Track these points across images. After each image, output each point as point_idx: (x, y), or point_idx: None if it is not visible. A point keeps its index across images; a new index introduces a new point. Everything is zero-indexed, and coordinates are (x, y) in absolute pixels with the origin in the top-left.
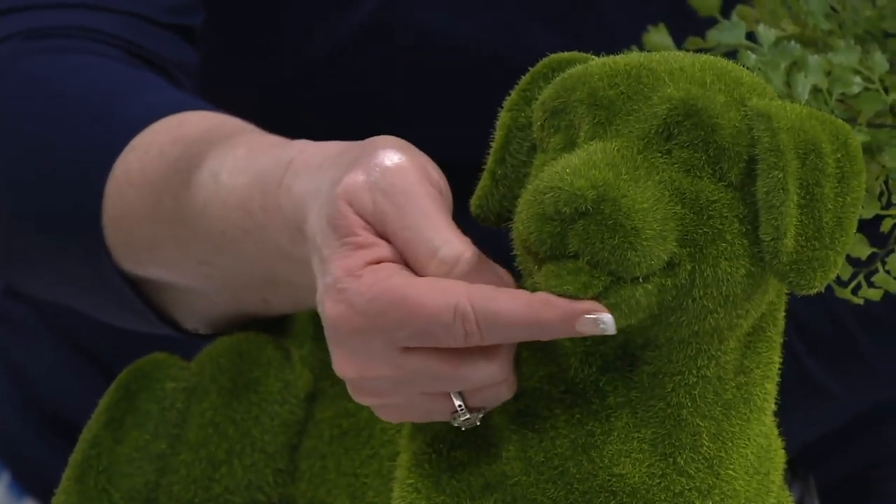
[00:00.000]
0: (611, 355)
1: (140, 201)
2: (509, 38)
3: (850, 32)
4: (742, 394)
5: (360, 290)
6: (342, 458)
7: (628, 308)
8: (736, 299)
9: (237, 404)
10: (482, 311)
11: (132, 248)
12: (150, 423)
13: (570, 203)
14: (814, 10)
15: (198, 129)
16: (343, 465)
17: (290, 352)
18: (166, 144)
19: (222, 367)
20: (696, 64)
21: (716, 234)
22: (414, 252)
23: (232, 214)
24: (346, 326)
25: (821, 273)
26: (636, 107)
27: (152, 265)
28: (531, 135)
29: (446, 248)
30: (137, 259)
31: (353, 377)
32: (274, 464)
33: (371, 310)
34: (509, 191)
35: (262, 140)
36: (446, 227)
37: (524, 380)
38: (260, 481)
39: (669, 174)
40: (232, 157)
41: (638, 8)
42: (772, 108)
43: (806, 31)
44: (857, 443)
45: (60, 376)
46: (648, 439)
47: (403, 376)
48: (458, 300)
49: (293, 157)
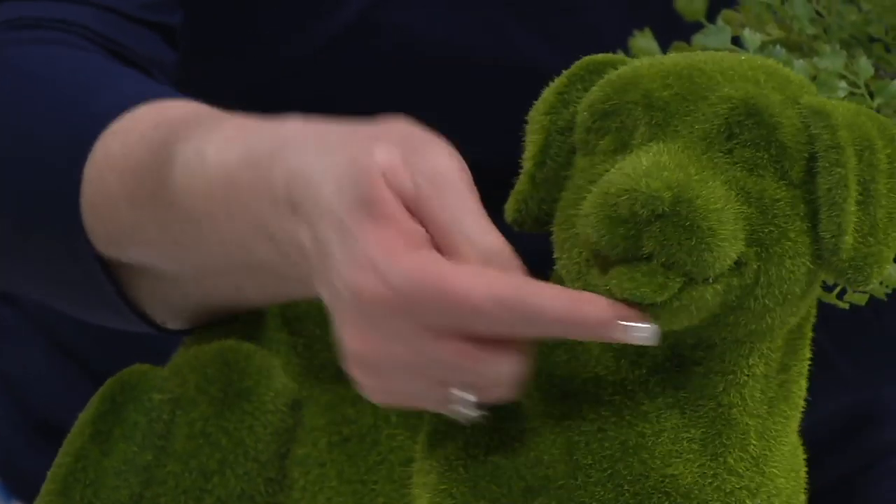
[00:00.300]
0: (660, 356)
1: (120, 185)
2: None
3: (835, 37)
4: (783, 391)
5: (401, 270)
6: (345, 466)
7: (697, 309)
8: (794, 297)
9: (230, 414)
10: (525, 302)
11: (111, 232)
12: (138, 434)
13: (647, 205)
14: (799, 15)
15: (181, 112)
16: (346, 472)
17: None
18: (148, 129)
19: (210, 377)
20: (744, 63)
21: (780, 232)
22: (452, 240)
23: (217, 192)
24: (374, 301)
25: (876, 269)
26: (693, 107)
27: (131, 247)
28: (570, 137)
29: (486, 239)
30: (117, 242)
31: (362, 352)
32: (266, 473)
33: (410, 291)
34: (548, 194)
35: (251, 121)
36: (485, 219)
37: (567, 383)
38: (252, 490)
39: (733, 174)
40: (220, 134)
41: (622, 11)
42: (827, 105)
43: (791, 36)
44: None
45: (49, 381)
46: (699, 439)
47: (419, 362)
48: (502, 290)
49: (288, 134)
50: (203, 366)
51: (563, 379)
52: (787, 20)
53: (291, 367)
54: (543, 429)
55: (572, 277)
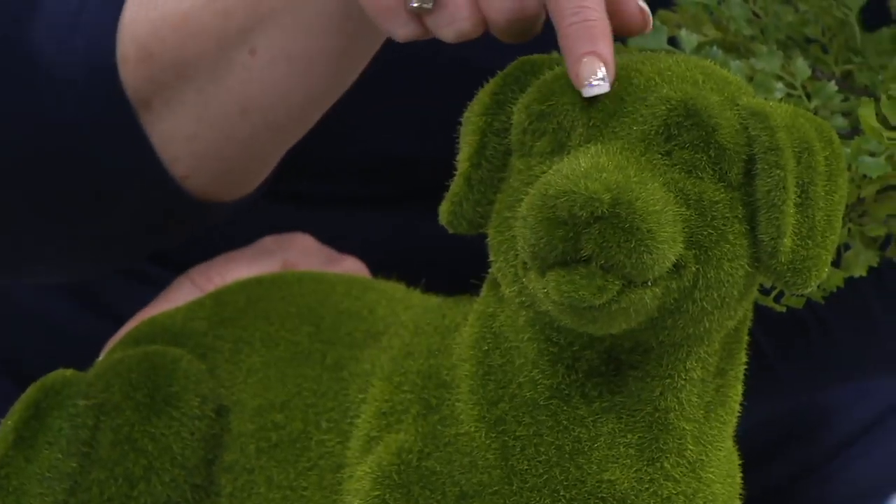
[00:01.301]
0: (597, 360)
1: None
2: None
3: (772, 38)
4: (720, 396)
5: None
6: (274, 471)
7: (635, 312)
8: (732, 300)
9: (156, 419)
10: None
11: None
12: (62, 441)
13: (586, 207)
14: (736, 16)
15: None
16: (276, 478)
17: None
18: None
19: (135, 383)
20: (682, 64)
21: (719, 235)
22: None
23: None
24: None
25: (815, 272)
26: (631, 108)
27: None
28: (506, 139)
29: None
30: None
31: None
32: (192, 479)
33: None
34: (483, 196)
35: None
36: None
37: (503, 387)
38: (179, 498)
39: (672, 175)
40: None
41: None
42: (765, 106)
43: (728, 37)
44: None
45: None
46: (635, 444)
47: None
48: None
49: None
50: (128, 371)
51: (498, 383)
52: (723, 21)
53: (218, 372)
54: (478, 433)
55: (508, 281)
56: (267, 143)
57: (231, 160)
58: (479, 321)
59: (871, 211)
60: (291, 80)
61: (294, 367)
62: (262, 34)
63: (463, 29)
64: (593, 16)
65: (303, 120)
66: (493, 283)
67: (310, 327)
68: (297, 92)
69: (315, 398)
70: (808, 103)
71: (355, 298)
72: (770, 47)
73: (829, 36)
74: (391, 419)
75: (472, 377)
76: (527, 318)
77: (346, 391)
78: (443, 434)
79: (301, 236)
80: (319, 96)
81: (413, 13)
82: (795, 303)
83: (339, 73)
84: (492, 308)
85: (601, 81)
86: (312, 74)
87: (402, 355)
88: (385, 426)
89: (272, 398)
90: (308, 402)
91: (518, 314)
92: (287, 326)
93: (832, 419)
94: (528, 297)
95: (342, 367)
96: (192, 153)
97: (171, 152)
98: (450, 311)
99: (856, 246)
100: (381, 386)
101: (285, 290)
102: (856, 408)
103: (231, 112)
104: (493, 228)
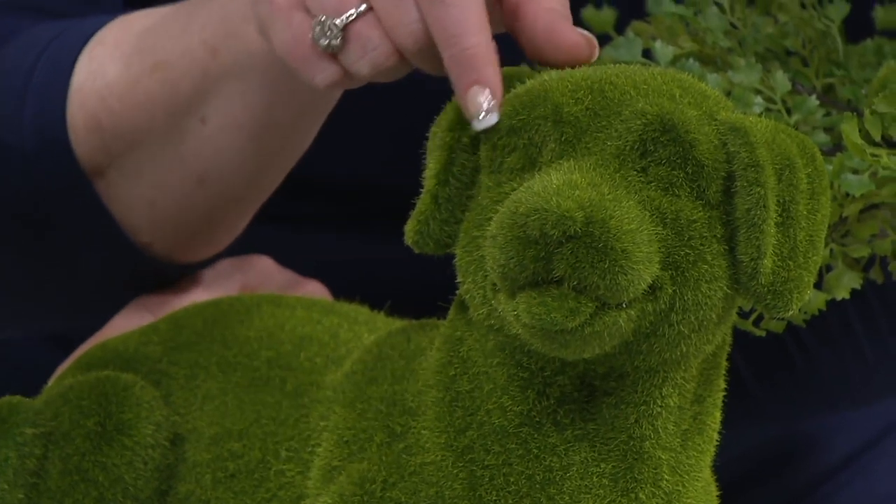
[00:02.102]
0: (569, 386)
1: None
2: None
3: (750, 50)
4: (697, 424)
5: None
6: (231, 503)
7: (609, 336)
8: (710, 324)
9: (107, 449)
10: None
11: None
12: (9, 471)
13: (558, 226)
14: (712, 27)
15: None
16: None
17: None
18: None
19: (86, 410)
20: (658, 77)
21: (697, 255)
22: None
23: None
24: None
25: (796, 294)
26: (605, 123)
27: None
28: (474, 155)
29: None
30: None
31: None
32: None
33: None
34: (451, 215)
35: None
36: None
37: (470, 414)
38: None
39: (648, 193)
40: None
41: None
42: (745, 121)
43: (705, 49)
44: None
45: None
46: (609, 474)
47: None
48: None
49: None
50: (78, 398)
51: (465, 410)
52: (700, 32)
53: (173, 399)
54: (444, 462)
55: (477, 303)
56: (227, 212)
57: (193, 228)
58: (446, 345)
59: (855, 231)
60: (244, 148)
61: (252, 394)
62: (210, 104)
63: (377, 60)
64: (470, 42)
65: (261, 188)
66: (461, 305)
67: (269, 352)
68: (251, 160)
69: (274, 426)
70: (789, 118)
71: (316, 322)
72: (748, 60)
73: (810, 48)
74: (354, 448)
75: (439, 404)
76: (496, 341)
77: (307, 419)
78: (408, 463)
79: (260, 258)
80: (275, 165)
81: (326, 55)
82: (776, 327)
83: (291, 140)
84: (459, 332)
85: (487, 113)
86: (265, 143)
87: (365, 381)
88: (347, 455)
89: (229, 426)
90: (267, 431)
91: (487, 338)
92: (245, 351)
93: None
94: (498, 320)
95: (302, 393)
96: (153, 221)
97: (131, 220)
98: (415, 335)
99: (838, 267)
100: (343, 413)
101: (243, 313)
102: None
103: (187, 181)
104: (461, 248)
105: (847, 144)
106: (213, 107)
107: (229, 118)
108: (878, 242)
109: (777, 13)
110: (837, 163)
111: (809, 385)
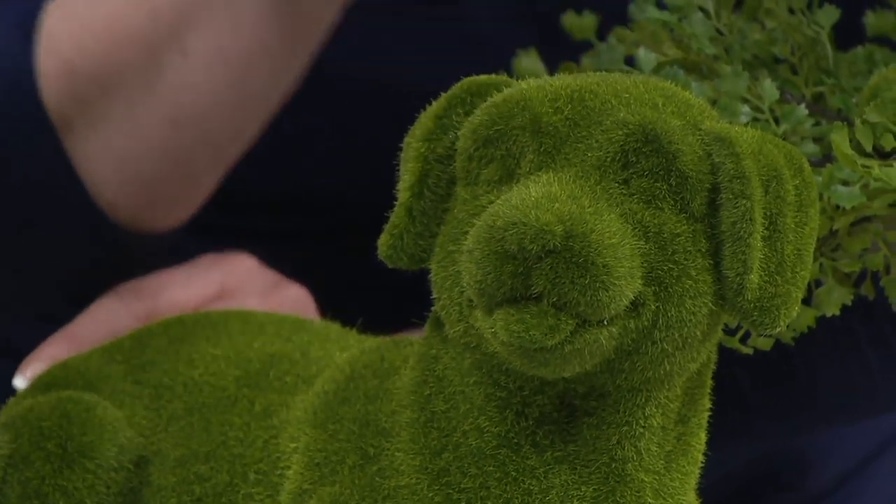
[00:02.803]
0: (549, 406)
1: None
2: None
3: (737, 57)
4: (682, 445)
5: None
6: None
7: (590, 353)
8: (694, 341)
9: (68, 472)
10: None
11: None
12: None
13: (537, 240)
14: (698, 33)
15: None
16: None
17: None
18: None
19: (46, 432)
20: (640, 85)
21: (680, 270)
22: None
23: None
24: None
25: (784, 311)
26: (586, 133)
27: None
28: (450, 166)
29: None
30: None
31: None
32: None
33: None
34: (426, 228)
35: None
36: None
37: (446, 435)
38: None
39: (630, 206)
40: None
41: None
42: (731, 131)
43: (689, 56)
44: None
45: None
46: (590, 497)
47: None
48: None
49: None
50: (39, 419)
51: (441, 431)
52: (684, 39)
53: (137, 419)
54: (419, 486)
55: (453, 320)
56: (200, 160)
57: (163, 182)
58: (420, 364)
59: (845, 244)
60: (226, 82)
61: (220, 415)
62: (194, 33)
63: None
64: None
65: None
66: (437, 322)
67: (237, 371)
68: (231, 97)
69: (242, 448)
70: (777, 128)
71: (286, 340)
72: (735, 67)
73: (799, 55)
74: (325, 470)
75: (414, 424)
76: (473, 360)
77: (277, 440)
78: (381, 486)
79: (243, 257)
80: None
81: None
82: (763, 344)
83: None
84: (435, 349)
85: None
86: (249, 76)
87: (337, 401)
88: (318, 478)
89: (196, 448)
90: (235, 453)
91: (463, 356)
92: (212, 370)
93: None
94: (475, 338)
95: (272, 414)
96: (121, 176)
97: (99, 175)
98: (389, 353)
99: (828, 282)
100: (314, 434)
101: (210, 330)
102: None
103: (162, 124)
104: (436, 263)
105: (837, 155)
106: (196, 37)
107: (213, 49)
108: (870, 257)
109: (765, 19)
110: (827, 174)
111: (807, 400)
